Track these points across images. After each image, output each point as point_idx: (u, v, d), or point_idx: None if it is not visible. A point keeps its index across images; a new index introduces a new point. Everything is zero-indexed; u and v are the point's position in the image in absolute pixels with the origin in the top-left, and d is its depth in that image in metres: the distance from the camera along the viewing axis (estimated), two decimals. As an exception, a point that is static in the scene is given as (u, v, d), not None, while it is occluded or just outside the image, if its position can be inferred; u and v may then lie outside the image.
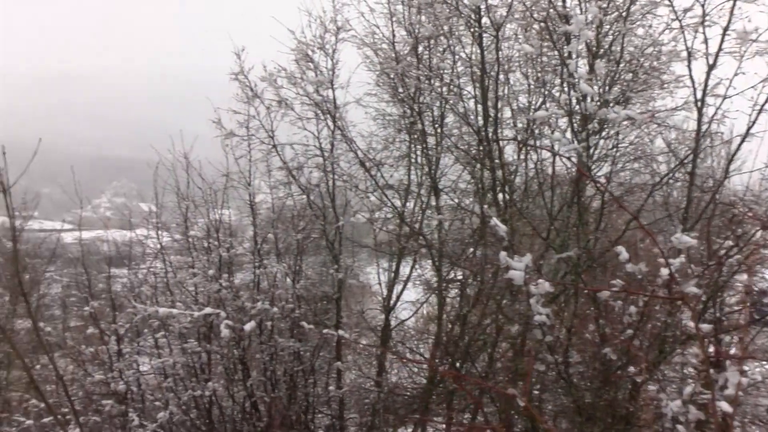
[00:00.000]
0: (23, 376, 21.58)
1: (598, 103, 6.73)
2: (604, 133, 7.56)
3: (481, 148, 7.99)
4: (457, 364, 8.47)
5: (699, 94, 6.45)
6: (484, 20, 7.65)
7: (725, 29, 6.21)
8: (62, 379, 5.94)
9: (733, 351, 7.41)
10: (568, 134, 7.22)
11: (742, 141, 6.34)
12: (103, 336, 7.93)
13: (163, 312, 6.46)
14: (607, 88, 7.43)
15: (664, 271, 4.16)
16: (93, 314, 7.84)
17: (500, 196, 8.04)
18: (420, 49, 8.64)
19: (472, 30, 7.81)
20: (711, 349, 6.22)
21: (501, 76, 7.88)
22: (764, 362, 6.83)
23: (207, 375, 8.11)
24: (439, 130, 8.97)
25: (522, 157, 8.53)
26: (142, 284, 8.36)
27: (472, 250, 9.30)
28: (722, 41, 6.22)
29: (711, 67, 6.32)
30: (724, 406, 3.58)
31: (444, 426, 9.36)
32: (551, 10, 7.23)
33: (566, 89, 7.50)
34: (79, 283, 8.76)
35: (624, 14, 7.26)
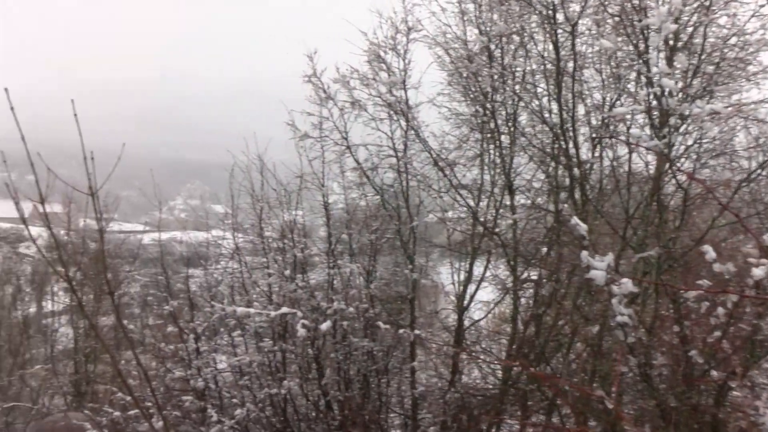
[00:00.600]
0: (107, 370, 22.51)
1: (680, 98, 6.51)
2: (684, 129, 7.32)
3: (557, 145, 7.85)
4: (532, 366, 8.35)
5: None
6: (559, 16, 7.52)
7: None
8: (147, 374, 6.11)
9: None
10: (647, 130, 7.02)
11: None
12: (182, 334, 8.13)
13: (240, 311, 6.58)
14: (688, 81, 7.18)
15: (757, 272, 3.98)
16: (173, 313, 8.05)
17: (576, 194, 7.88)
18: (492, 47, 8.55)
19: (546, 26, 7.69)
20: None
21: (576, 73, 7.73)
22: None
23: (282, 374, 8.22)
24: (512, 129, 8.85)
25: (597, 154, 8.36)
26: (219, 284, 8.53)
27: (546, 249, 9.16)
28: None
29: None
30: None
31: (518, 427, 9.24)
32: (627, 4, 7.04)
33: (643, 84, 7.30)
34: (159, 283, 9.02)
35: (706, 3, 7.00)
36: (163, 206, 8.95)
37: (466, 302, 9.69)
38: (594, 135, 8.22)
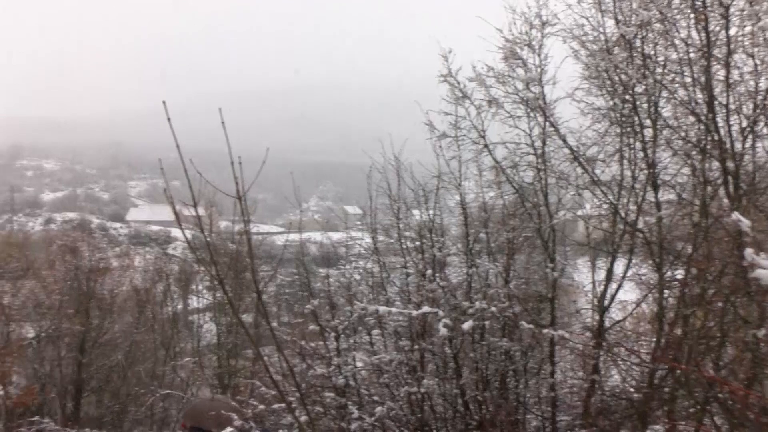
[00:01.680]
0: (247, 365, 23.57)
1: None
2: None
3: (708, 137, 7.44)
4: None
5: None
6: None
7: None
8: (292, 369, 6.36)
9: None
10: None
11: None
12: (323, 332, 8.38)
13: (383, 311, 6.70)
14: None
15: None
16: (314, 312, 8.31)
17: (729, 188, 7.42)
18: (632, 37, 8.22)
19: (695, 11, 7.30)
20: None
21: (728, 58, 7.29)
22: None
23: (421, 372, 8.29)
24: (655, 121, 8.48)
25: (748, 144, 7.85)
26: (360, 283, 8.73)
27: (693, 246, 8.70)
28: None
29: None
30: None
31: (664, 433, 8.84)
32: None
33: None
34: (300, 283, 9.34)
35: None
36: (298, 208, 9.28)
37: (606, 302, 9.38)
38: (747, 124, 7.72)
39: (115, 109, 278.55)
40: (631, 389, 9.45)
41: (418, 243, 8.55)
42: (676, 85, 8.05)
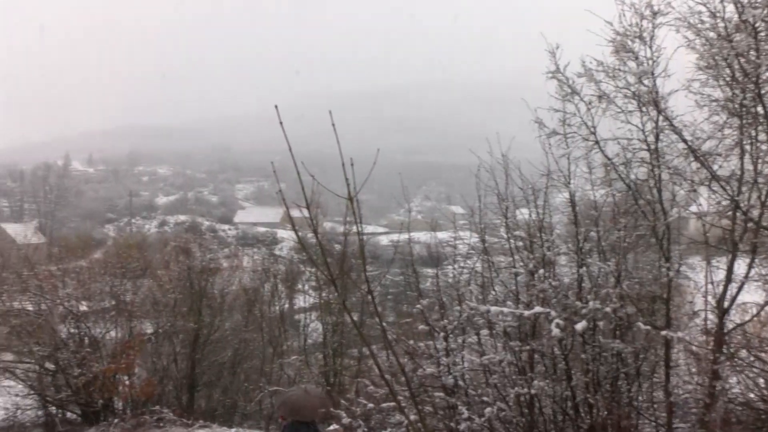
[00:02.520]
0: (351, 364, 23.96)
1: None
2: None
3: None
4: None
5: None
6: None
7: None
8: (404, 369, 6.41)
9: None
10: None
11: None
12: (432, 332, 8.41)
13: (494, 310, 6.65)
14: None
15: None
16: (423, 312, 8.35)
17: None
18: (755, 21, 7.79)
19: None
20: None
21: None
22: None
23: (531, 373, 8.18)
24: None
25: None
26: (469, 283, 8.70)
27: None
28: None
29: None
30: None
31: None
32: None
33: None
34: (408, 282, 9.41)
35: None
36: (401, 208, 9.35)
37: (726, 303, 8.93)
38: None
39: (221, 115, 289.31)
40: (756, 398, 8.97)
41: (527, 242, 8.43)
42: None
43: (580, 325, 6.61)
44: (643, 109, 8.15)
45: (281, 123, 5.13)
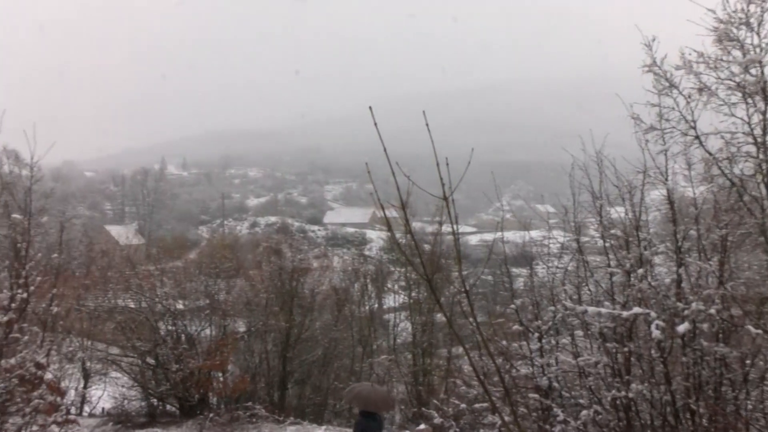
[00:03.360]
0: (440, 364, 23.95)
1: None
2: None
3: None
4: None
5: None
6: None
7: None
8: (500, 370, 6.34)
9: None
10: None
11: None
12: (527, 332, 8.27)
13: (591, 311, 6.47)
14: None
15: None
16: (517, 312, 8.23)
17: None
18: None
19: None
20: None
21: None
22: None
23: (627, 376, 7.91)
24: None
25: None
26: (564, 283, 8.51)
27: None
28: None
29: None
30: None
31: None
32: None
33: None
34: (498, 282, 9.31)
35: None
36: (490, 207, 9.24)
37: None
38: None
39: (308, 118, 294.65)
40: None
41: (622, 240, 8.15)
42: None
43: (682, 327, 6.34)
44: (749, 100, 7.73)
45: (375, 124, 5.16)
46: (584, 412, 7.57)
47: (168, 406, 24.66)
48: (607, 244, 8.27)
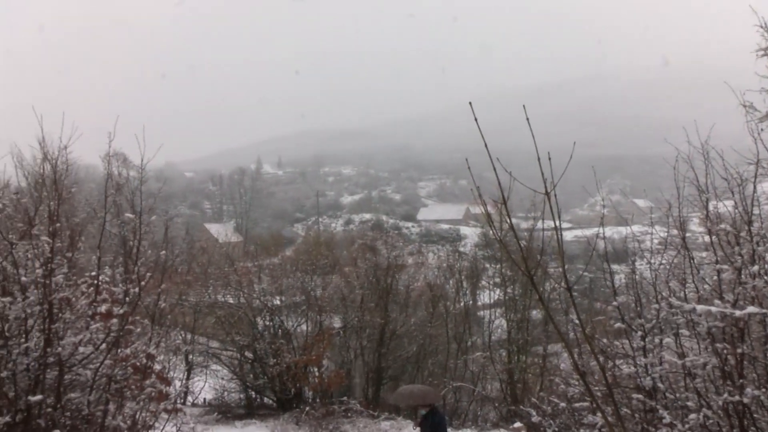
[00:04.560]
0: (535, 362, 23.64)
1: None
2: None
3: None
4: None
5: None
6: None
7: None
8: (604, 368, 6.15)
9: None
10: None
11: None
12: (629, 330, 7.99)
13: (700, 309, 6.16)
14: None
15: None
16: (618, 309, 7.96)
17: None
18: None
19: None
20: None
21: None
22: None
23: (741, 380, 7.48)
24: None
25: None
26: (670, 279, 8.16)
27: None
28: None
29: None
30: None
31: None
32: None
33: None
34: (602, 278, 9.02)
35: None
36: (585, 203, 8.98)
37: None
38: None
39: (399, 116, 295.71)
40: None
41: (732, 235, 7.71)
42: None
43: (801, 328, 5.94)
44: None
45: (476, 119, 5.14)
46: (692, 415, 7.21)
47: (265, 399, 25.41)
48: (714, 239, 7.85)
